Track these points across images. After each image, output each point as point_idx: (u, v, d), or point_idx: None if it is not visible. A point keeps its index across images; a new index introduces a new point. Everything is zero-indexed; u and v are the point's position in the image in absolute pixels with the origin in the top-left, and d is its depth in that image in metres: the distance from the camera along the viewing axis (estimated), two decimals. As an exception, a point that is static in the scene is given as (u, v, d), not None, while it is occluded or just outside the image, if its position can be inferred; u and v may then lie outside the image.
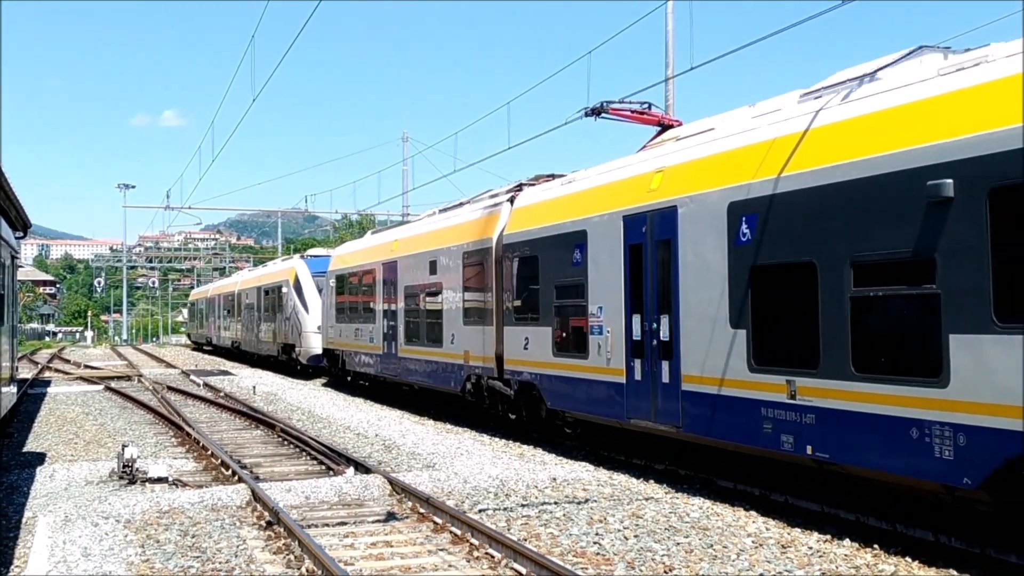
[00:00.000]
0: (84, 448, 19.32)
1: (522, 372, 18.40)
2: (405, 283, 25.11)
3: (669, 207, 13.97)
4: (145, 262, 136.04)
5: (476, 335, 20.45)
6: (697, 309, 13.23)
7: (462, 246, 21.44)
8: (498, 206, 20.23)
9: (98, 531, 11.43)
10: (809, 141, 11.57)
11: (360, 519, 12.20)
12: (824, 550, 10.37)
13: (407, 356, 24.94)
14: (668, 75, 24.86)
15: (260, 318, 47.85)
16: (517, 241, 18.66)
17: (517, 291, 18.74)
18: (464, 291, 21.22)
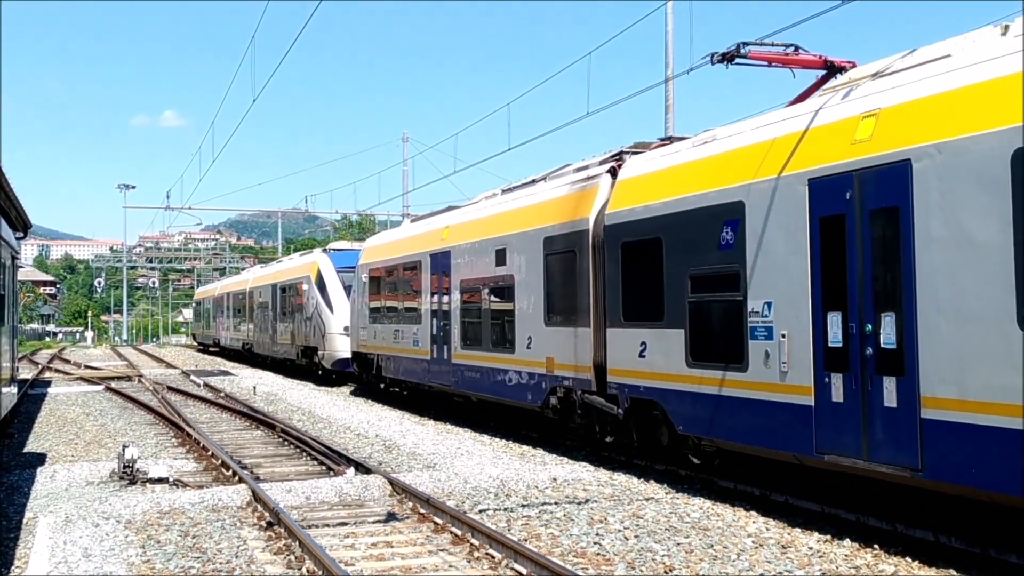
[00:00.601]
0: (84, 448, 19.32)
1: (636, 386, 14.76)
2: (461, 277, 21.61)
3: (894, 163, 10.27)
4: (145, 262, 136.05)
5: (564, 339, 16.97)
6: (951, 303, 9.58)
7: (542, 231, 17.88)
8: (592, 180, 16.67)
9: (99, 532, 11.43)
10: None
11: (360, 519, 12.20)
12: (824, 550, 10.37)
13: (464, 363, 21.38)
14: (668, 76, 24.87)
15: (276, 318, 43.81)
16: (626, 221, 14.97)
17: (626, 284, 15.07)
18: (546, 285, 17.73)
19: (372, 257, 28.78)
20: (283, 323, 42.11)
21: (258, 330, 48.16)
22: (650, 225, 14.38)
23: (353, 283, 30.69)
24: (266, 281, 46.77)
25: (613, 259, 15.38)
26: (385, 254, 27.50)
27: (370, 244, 30.35)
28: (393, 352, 26.19)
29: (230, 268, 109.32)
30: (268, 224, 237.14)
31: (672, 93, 25.16)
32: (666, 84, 25.00)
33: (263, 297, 46.87)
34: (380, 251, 28.24)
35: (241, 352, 53.19)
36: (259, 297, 47.88)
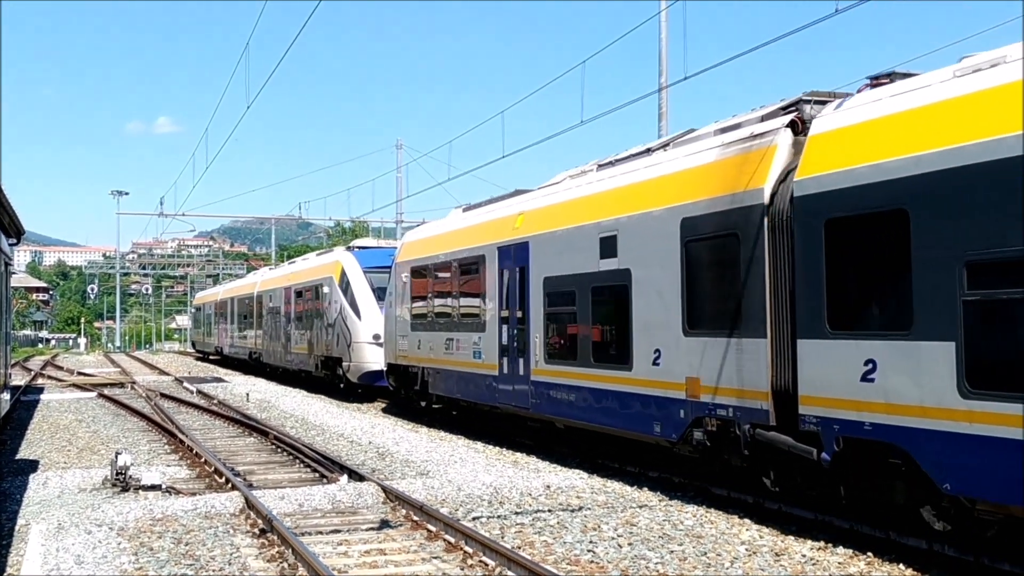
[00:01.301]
0: (77, 455, 19.28)
1: (856, 422, 10.55)
2: (545, 273, 17.52)
3: None
4: (138, 269, 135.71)
5: (717, 353, 12.87)
6: None
7: (678, 210, 13.82)
8: (762, 139, 12.60)
9: (91, 539, 11.40)
10: None
11: (354, 527, 12.18)
12: (818, 558, 10.38)
13: (548, 380, 17.31)
14: (662, 84, 24.90)
15: (290, 325, 39.33)
16: (836, 189, 10.85)
17: (836, 277, 10.94)
18: (686, 280, 13.67)
19: (414, 253, 24.62)
20: (299, 330, 37.66)
21: (268, 338, 43.67)
22: (885, 192, 10.31)
23: (388, 284, 26.61)
24: (278, 284, 42.42)
25: (810, 242, 11.24)
26: (432, 249, 23.41)
27: (412, 238, 26.00)
28: (444, 365, 22.18)
29: (224, 274, 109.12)
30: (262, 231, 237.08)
31: (666, 101, 25.17)
32: (660, 92, 25.02)
33: (274, 301, 42.45)
34: (425, 246, 24.07)
35: (248, 362, 49.07)
36: (269, 302, 43.41)
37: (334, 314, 32.31)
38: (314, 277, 35.82)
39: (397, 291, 25.39)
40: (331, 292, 32.66)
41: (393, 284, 25.91)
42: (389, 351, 26.04)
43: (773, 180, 12.10)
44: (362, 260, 32.04)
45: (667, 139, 16.03)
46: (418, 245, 24.67)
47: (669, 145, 15.50)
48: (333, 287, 32.57)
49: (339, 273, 32.42)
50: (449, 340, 21.93)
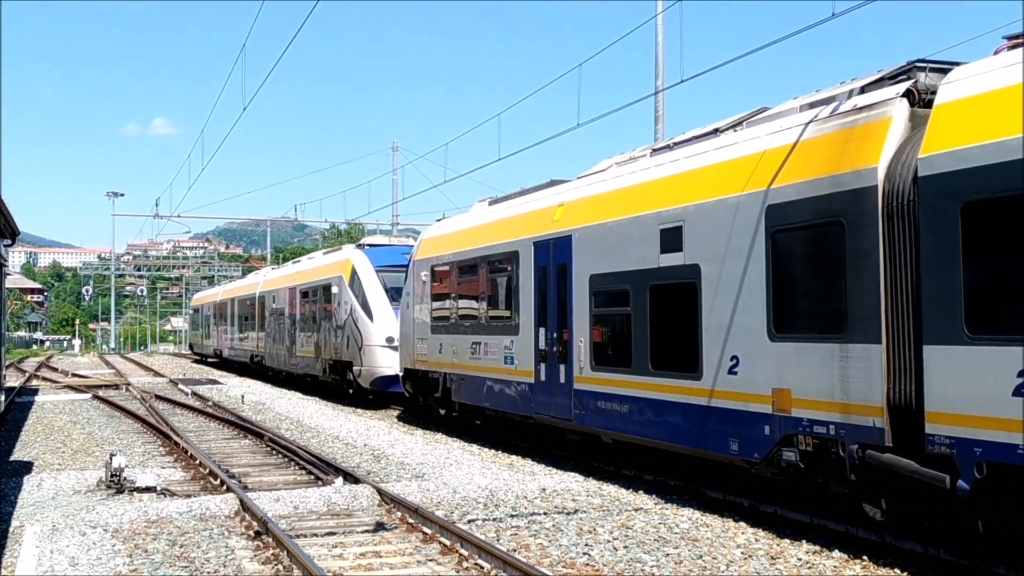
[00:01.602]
0: (72, 457, 19.24)
1: (1012, 445, 8.82)
2: (593, 269, 15.81)
3: None
4: (133, 270, 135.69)
5: (815, 360, 11.21)
6: None
7: (762, 196, 12.09)
8: (870, 111, 11.06)
9: (86, 540, 11.38)
10: None
11: (349, 529, 12.16)
12: (813, 561, 10.37)
13: (595, 389, 15.65)
14: (659, 87, 24.92)
15: (295, 327, 37.36)
16: (974, 167, 9.25)
17: (974, 272, 9.30)
18: (772, 276, 11.93)
19: (435, 250, 22.82)
20: (305, 333, 35.69)
21: (271, 341, 41.59)
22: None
23: (405, 284, 25.10)
24: (282, 284, 40.32)
25: (942, 229, 9.54)
26: (455, 245, 21.61)
27: (431, 235, 24.02)
28: (470, 371, 20.30)
29: (219, 276, 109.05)
30: (257, 233, 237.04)
31: (663, 104, 25.18)
32: (656, 95, 25.03)
33: (278, 303, 40.46)
34: (447, 242, 22.29)
35: (249, 365, 47.24)
36: (273, 303, 41.43)
37: (344, 316, 30.16)
38: (322, 277, 33.60)
39: (415, 291, 23.64)
40: (340, 292, 30.63)
41: (410, 284, 24.24)
42: (405, 355, 24.32)
43: (887, 158, 10.48)
44: (374, 258, 29.95)
45: (737, 118, 14.32)
46: (439, 242, 22.88)
47: (742, 124, 13.87)
48: (343, 287, 30.47)
49: (349, 272, 30.26)
50: (476, 344, 20.12)
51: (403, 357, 24.72)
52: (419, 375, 23.47)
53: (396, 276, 27.73)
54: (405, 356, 24.40)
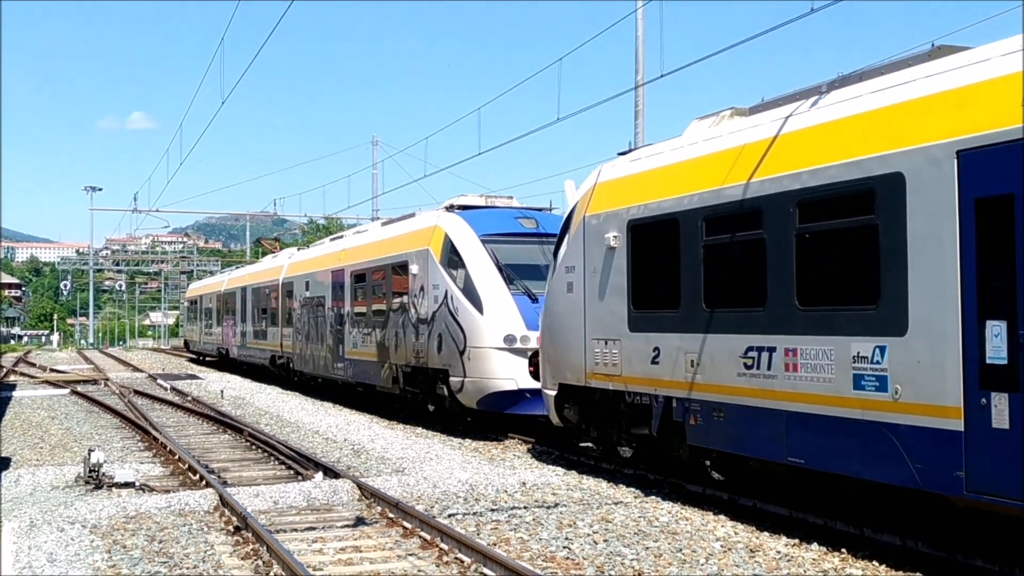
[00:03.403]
0: (50, 452, 19.14)
1: None
2: None
3: None
4: (112, 265, 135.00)
5: None
6: None
7: None
8: None
9: (64, 536, 11.32)
10: None
11: (329, 524, 12.15)
12: (792, 554, 10.42)
13: None
14: (639, 81, 24.95)
15: (342, 321, 28.26)
16: None
17: None
18: None
19: (634, 196, 14.37)
20: (360, 329, 26.86)
21: (303, 339, 32.81)
22: None
23: (559, 255, 16.50)
24: (319, 267, 31.55)
25: None
26: (693, 182, 13.10)
27: (620, 173, 15.10)
28: (743, 398, 12.13)
29: (198, 271, 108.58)
30: (236, 227, 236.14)
31: (643, 99, 25.22)
32: (636, 90, 25.06)
33: (314, 290, 31.68)
34: (666, 181, 13.79)
35: (269, 369, 38.56)
36: (305, 290, 32.69)
37: (430, 305, 21.81)
38: (390, 253, 24.92)
39: (589, 265, 15.35)
40: (425, 273, 22.21)
41: (570, 254, 15.94)
42: (567, 364, 15.94)
43: None
44: (477, 224, 21.58)
45: None
46: (641, 183, 14.35)
47: None
48: (429, 265, 22.01)
49: (441, 244, 21.73)
50: (762, 351, 11.84)
51: (557, 368, 16.30)
52: (594, 397, 15.46)
53: (512, 249, 20.97)
54: (558, 366, 16.23)
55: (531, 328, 19.12)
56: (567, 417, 16.39)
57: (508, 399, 19.68)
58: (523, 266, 20.60)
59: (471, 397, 20.15)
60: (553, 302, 16.55)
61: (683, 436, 13.27)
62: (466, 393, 20.25)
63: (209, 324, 53.54)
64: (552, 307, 16.60)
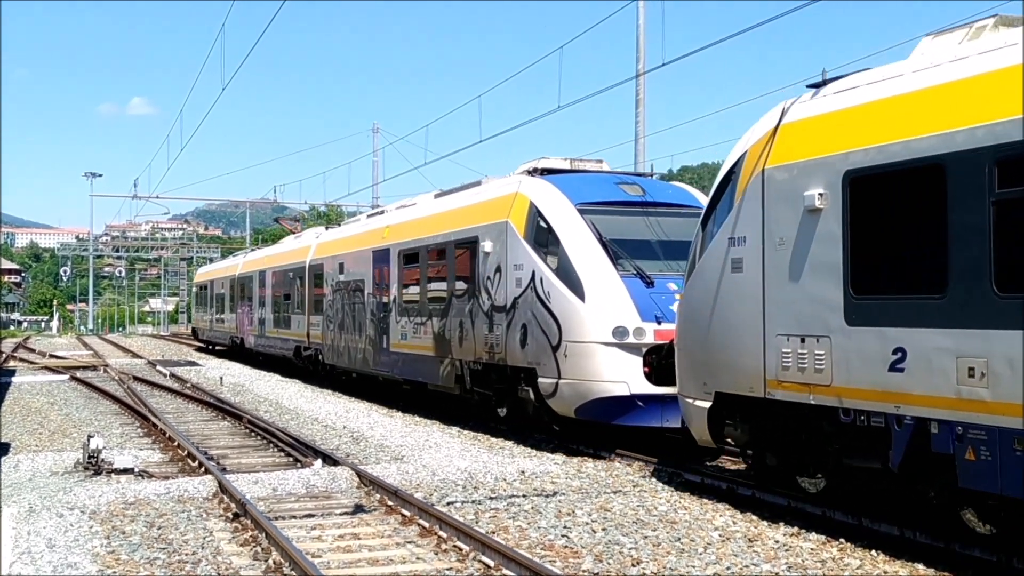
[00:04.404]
0: (49, 438, 19.16)
1: None
2: None
3: None
4: (112, 251, 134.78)
5: None
6: None
7: None
8: None
9: (63, 522, 11.34)
10: None
11: (328, 511, 12.16)
12: (791, 544, 10.43)
13: None
14: (639, 70, 24.92)
15: (388, 308, 24.30)
16: None
17: None
18: None
19: (867, 131, 10.42)
20: (411, 318, 22.87)
21: (335, 328, 28.90)
22: None
23: (728, 221, 12.24)
24: (355, 246, 27.65)
25: None
26: (982, 110, 9.23)
27: (843, 102, 10.88)
28: None
29: (198, 257, 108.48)
30: (236, 214, 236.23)
31: (643, 88, 25.20)
32: (637, 79, 25.03)
33: (349, 273, 27.81)
34: (927, 107, 9.85)
35: (292, 361, 34.74)
36: (339, 273, 28.67)
37: (511, 289, 17.99)
38: (453, 228, 20.90)
39: (771, 235, 11.40)
40: (503, 250, 18.36)
41: (743, 221, 11.87)
42: (729, 367, 12.09)
43: None
44: (571, 191, 17.52)
45: None
46: (866, 119, 10.48)
47: None
48: (509, 241, 18.16)
49: (525, 216, 17.82)
50: None
51: (701, 370, 12.72)
52: (776, 411, 11.64)
53: (616, 221, 17.09)
54: (713, 369, 12.42)
55: (646, 319, 15.57)
56: (729, 436, 12.67)
57: (616, 407, 15.74)
58: (632, 242, 16.75)
59: (567, 403, 16.39)
60: (703, 285, 12.58)
61: (945, 473, 9.66)
62: (561, 398, 16.47)
63: (221, 311, 49.29)
64: (701, 292, 12.62)
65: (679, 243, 16.13)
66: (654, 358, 15.39)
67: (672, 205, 17.54)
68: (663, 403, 15.14)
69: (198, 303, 59.90)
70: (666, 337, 14.99)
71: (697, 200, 17.76)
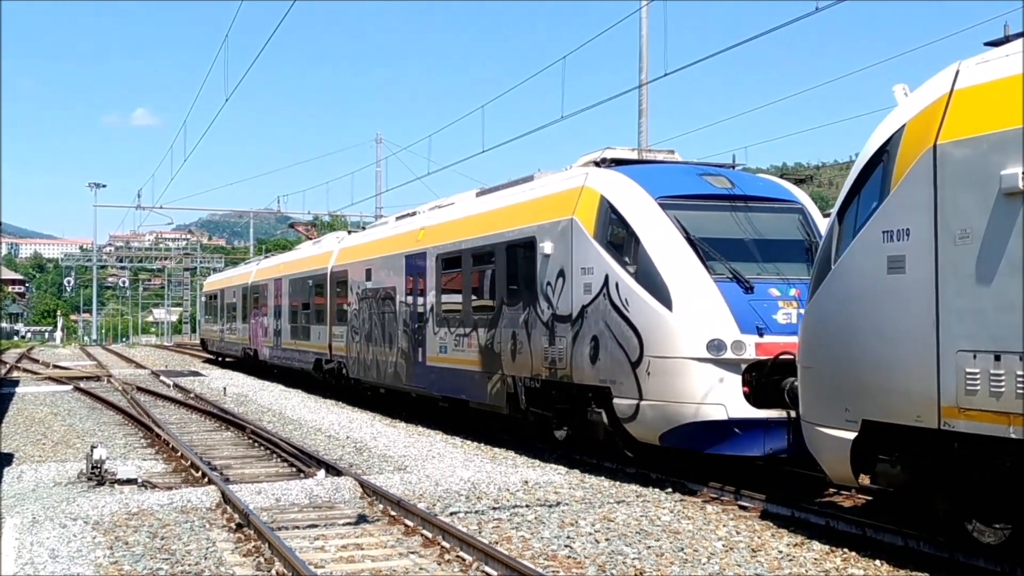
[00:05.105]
0: (52, 449, 19.16)
1: None
2: None
3: None
4: (115, 262, 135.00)
5: None
6: None
7: None
8: None
9: (66, 533, 11.33)
10: None
11: (331, 521, 12.15)
12: (794, 554, 10.41)
13: None
14: (642, 80, 24.95)
15: (424, 319, 21.98)
16: None
17: None
18: None
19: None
20: (454, 329, 20.42)
21: (361, 340, 26.59)
22: None
23: (897, 214, 9.80)
24: (383, 251, 25.51)
25: None
26: None
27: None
28: None
29: (201, 268, 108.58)
30: (240, 224, 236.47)
31: (647, 98, 25.24)
32: (640, 88, 25.06)
33: (377, 280, 25.55)
34: None
35: (311, 376, 32.36)
36: (366, 280, 26.39)
37: (578, 296, 15.69)
38: (503, 228, 18.51)
39: (947, 226, 9.27)
40: (567, 252, 16.05)
41: (904, 210, 9.72)
42: (884, 390, 9.83)
43: None
44: (650, 184, 15.21)
45: None
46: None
47: None
48: (575, 241, 15.86)
49: (595, 211, 15.48)
50: None
51: (841, 393, 10.39)
52: (954, 447, 9.37)
53: (703, 218, 14.88)
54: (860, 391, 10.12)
55: (746, 330, 13.47)
56: (882, 474, 10.26)
57: (711, 433, 13.52)
58: (723, 241, 14.59)
59: (650, 428, 14.16)
60: (843, 289, 10.40)
61: None
62: (642, 422, 14.23)
63: (232, 321, 46.74)
64: (840, 298, 10.42)
65: (778, 242, 14.65)
66: (754, 376, 13.36)
67: (765, 199, 15.34)
68: (766, 428, 13.12)
69: (207, 313, 57.26)
70: (769, 351, 13.27)
71: (792, 194, 15.77)
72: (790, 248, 14.08)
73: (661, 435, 14.02)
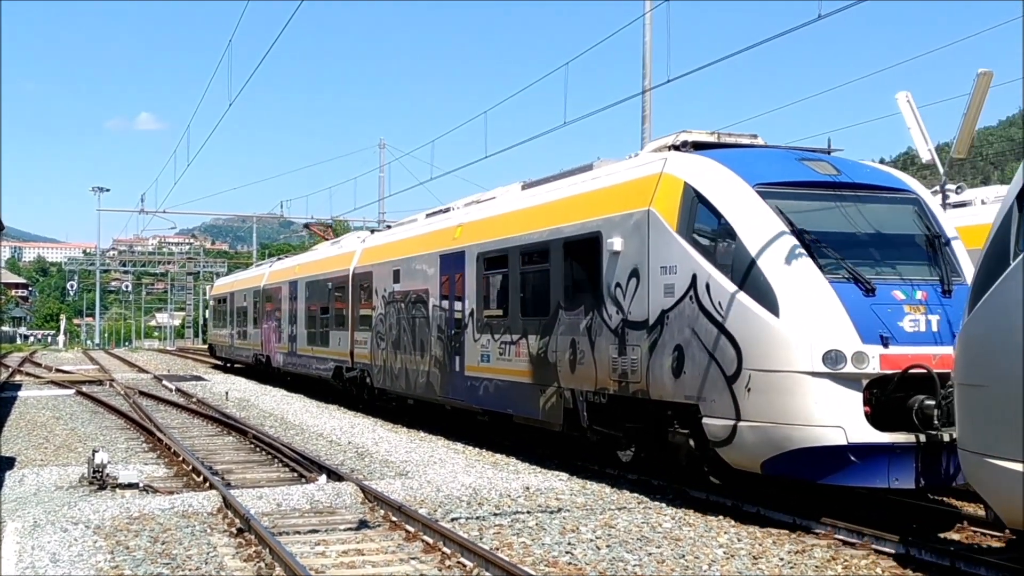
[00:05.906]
0: (54, 453, 19.16)
1: None
2: None
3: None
4: (119, 266, 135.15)
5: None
6: None
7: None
8: None
9: (67, 537, 11.33)
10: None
11: (332, 527, 12.14)
12: (795, 561, 10.40)
13: None
14: (646, 86, 24.95)
15: (461, 324, 19.79)
16: None
17: None
18: None
19: None
20: (498, 336, 18.22)
21: (388, 347, 24.30)
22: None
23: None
24: (414, 251, 23.16)
25: None
26: None
27: None
28: None
29: (204, 272, 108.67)
30: (243, 229, 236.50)
31: (650, 104, 25.23)
32: (643, 95, 25.06)
33: (407, 282, 23.19)
34: None
35: (330, 384, 30.02)
36: (394, 283, 24.11)
37: (656, 299, 13.63)
38: (561, 223, 16.32)
39: None
40: (642, 248, 13.98)
41: None
42: None
43: None
44: (744, 169, 13.22)
45: None
46: None
47: None
48: (652, 236, 13.81)
49: (678, 201, 13.45)
50: None
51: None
52: None
53: (809, 208, 12.91)
54: None
55: (868, 340, 11.59)
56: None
57: (826, 461, 11.58)
58: (835, 235, 12.59)
59: (750, 454, 12.18)
60: None
61: None
62: (740, 447, 12.22)
63: (243, 326, 43.90)
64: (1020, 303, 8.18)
65: (894, 237, 12.84)
66: (875, 393, 11.60)
67: (876, 187, 13.46)
68: (890, 455, 11.38)
69: (215, 317, 53.93)
70: (895, 365, 11.49)
71: (904, 182, 13.84)
72: (908, 243, 12.56)
73: (764, 462, 12.02)
